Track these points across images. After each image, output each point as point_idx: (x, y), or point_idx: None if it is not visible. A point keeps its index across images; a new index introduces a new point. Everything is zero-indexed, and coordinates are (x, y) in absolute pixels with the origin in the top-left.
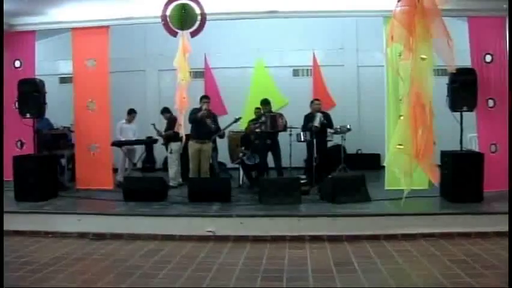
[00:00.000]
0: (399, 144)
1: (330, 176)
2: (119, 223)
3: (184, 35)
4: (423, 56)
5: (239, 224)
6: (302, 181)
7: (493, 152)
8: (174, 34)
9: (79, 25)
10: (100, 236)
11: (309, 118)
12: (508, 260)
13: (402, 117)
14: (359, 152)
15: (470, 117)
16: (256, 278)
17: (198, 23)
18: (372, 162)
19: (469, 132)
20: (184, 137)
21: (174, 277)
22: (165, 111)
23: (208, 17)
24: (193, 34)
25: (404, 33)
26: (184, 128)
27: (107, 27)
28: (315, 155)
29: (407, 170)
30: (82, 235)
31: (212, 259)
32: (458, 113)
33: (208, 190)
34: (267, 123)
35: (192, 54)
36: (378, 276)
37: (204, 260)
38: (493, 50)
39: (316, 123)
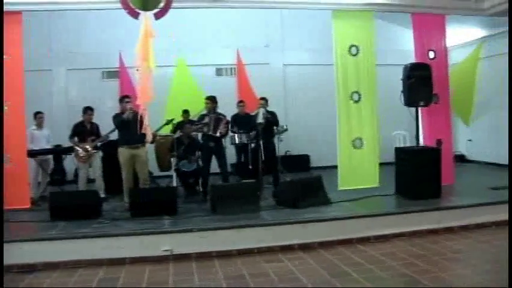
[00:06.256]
0: None
1: (288, 180)
2: (52, 249)
3: (147, 16)
4: None
5: (199, 239)
6: None
7: (438, 148)
8: (135, 15)
9: None
10: (28, 268)
11: (237, 119)
12: (508, 260)
13: None
14: (288, 153)
15: (392, 114)
16: None
17: (163, 2)
18: (302, 164)
19: (392, 129)
20: (150, 139)
21: None
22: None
23: None
24: (158, 16)
25: None
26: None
27: (19, 12)
28: (262, 157)
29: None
30: (4, 268)
31: (188, 283)
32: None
33: (151, 202)
34: (210, 126)
35: (105, 52)
36: (387, 283)
37: (179, 285)
38: (435, 46)
39: (260, 119)
